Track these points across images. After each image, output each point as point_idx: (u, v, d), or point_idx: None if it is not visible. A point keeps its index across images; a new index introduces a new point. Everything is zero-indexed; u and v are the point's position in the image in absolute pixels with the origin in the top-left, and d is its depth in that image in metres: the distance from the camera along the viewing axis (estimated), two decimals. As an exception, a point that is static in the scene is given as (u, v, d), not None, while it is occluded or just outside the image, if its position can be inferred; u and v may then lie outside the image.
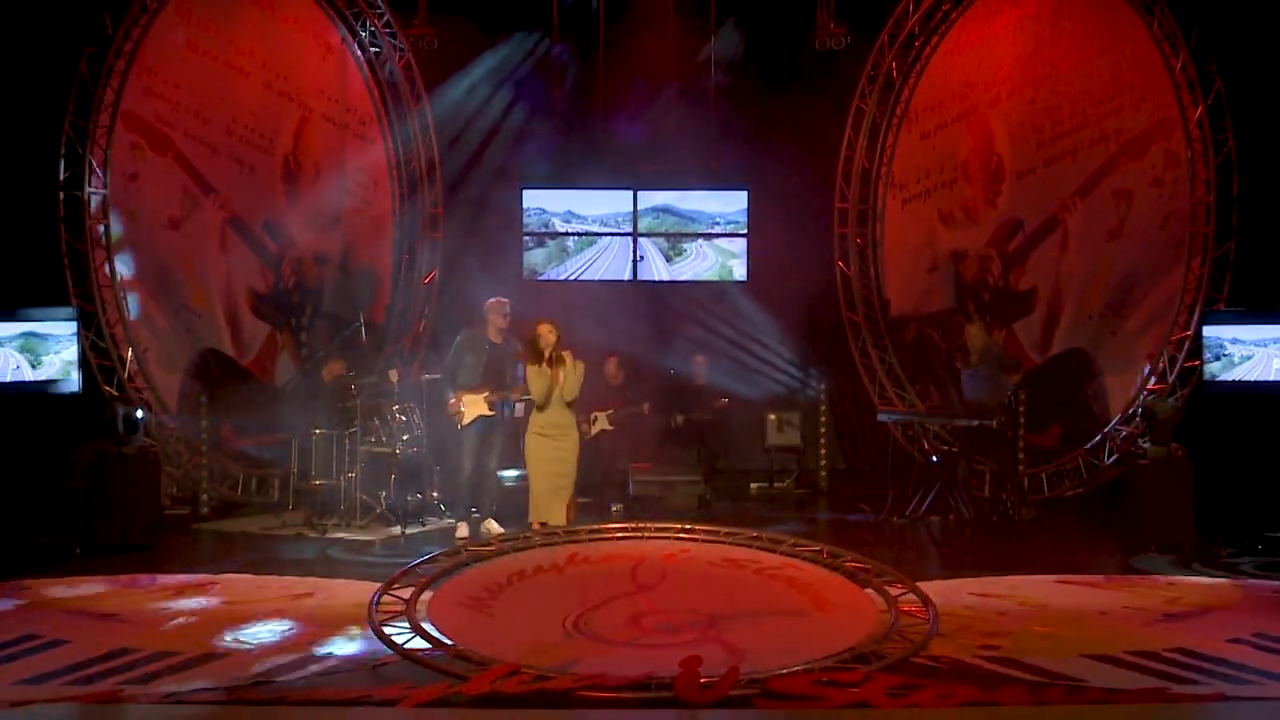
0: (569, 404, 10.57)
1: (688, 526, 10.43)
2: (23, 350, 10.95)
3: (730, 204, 14.28)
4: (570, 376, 10.46)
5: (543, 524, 10.55)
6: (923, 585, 8.76)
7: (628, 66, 14.73)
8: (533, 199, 14.22)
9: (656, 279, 14.18)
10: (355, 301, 14.59)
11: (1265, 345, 11.28)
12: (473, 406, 11.20)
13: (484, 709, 6.29)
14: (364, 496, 11.73)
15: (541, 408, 10.52)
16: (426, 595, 8.48)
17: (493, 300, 11.43)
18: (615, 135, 14.72)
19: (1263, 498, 11.13)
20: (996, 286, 14.22)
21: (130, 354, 11.91)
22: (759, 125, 14.68)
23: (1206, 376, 11.53)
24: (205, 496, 12.27)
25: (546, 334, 10.46)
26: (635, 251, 14.31)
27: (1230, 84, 12.00)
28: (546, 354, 10.44)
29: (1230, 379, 11.39)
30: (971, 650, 7.48)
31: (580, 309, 13.73)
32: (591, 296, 14.07)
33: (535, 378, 10.47)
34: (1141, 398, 12.19)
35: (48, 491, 11.00)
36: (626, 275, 14.26)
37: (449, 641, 7.42)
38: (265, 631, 7.98)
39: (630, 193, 14.32)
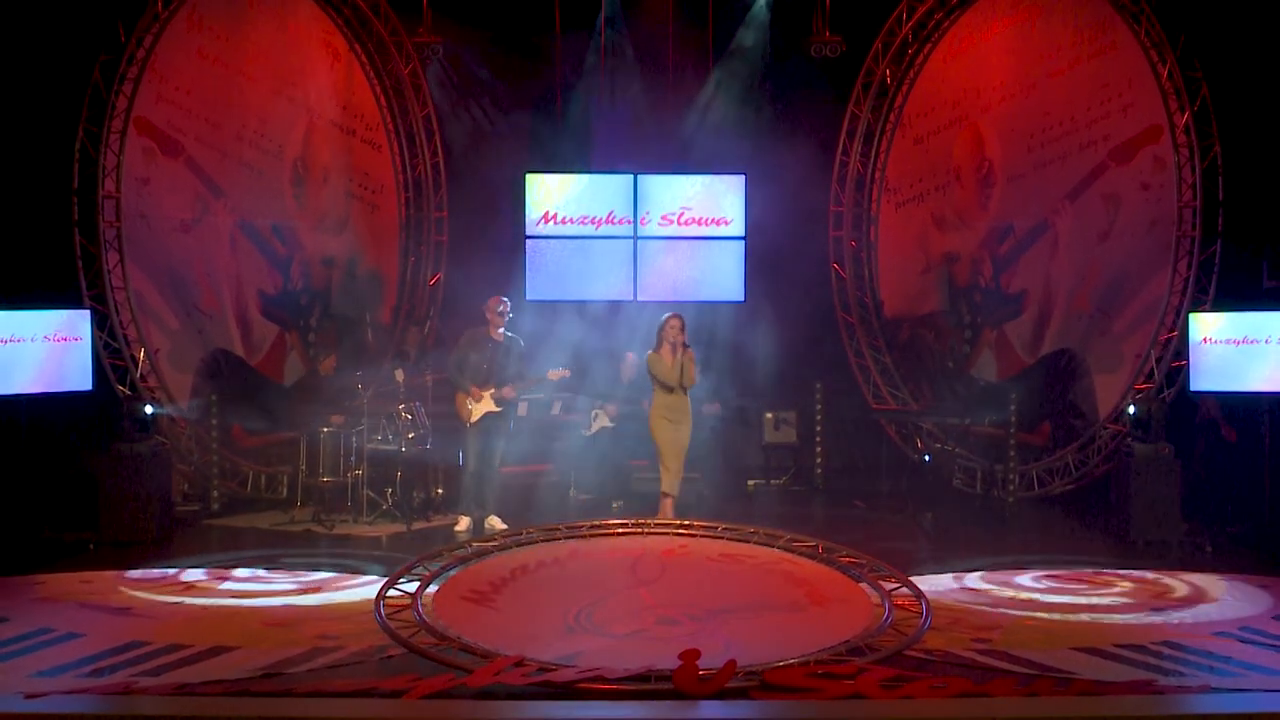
0: (686, 390, 11.11)
1: (687, 522, 10.63)
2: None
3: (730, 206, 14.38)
4: (689, 366, 11.05)
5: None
6: (916, 580, 8.97)
7: (629, 66, 14.91)
8: (535, 190, 14.34)
9: (658, 299, 14.28)
10: (362, 303, 14.78)
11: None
12: (480, 404, 11.44)
13: (488, 700, 6.40)
14: (370, 493, 11.90)
15: (671, 391, 11.05)
16: (431, 589, 8.67)
17: (492, 299, 11.68)
18: (616, 128, 14.88)
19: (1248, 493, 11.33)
20: (988, 288, 14.32)
21: (142, 354, 12.07)
22: (757, 127, 14.81)
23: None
24: (216, 493, 12.38)
25: (675, 326, 11.02)
26: (635, 250, 14.39)
27: (1216, 90, 12.13)
28: (671, 343, 10.99)
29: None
30: (963, 643, 7.67)
31: (582, 329, 13.94)
32: (593, 316, 14.24)
33: (657, 363, 11.00)
34: (1129, 396, 12.32)
35: (62, 488, 11.13)
36: (628, 295, 14.35)
37: (453, 635, 7.57)
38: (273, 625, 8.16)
39: (630, 178, 14.41)
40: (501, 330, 11.58)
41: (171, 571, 9.66)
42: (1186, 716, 5.99)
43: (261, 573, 9.72)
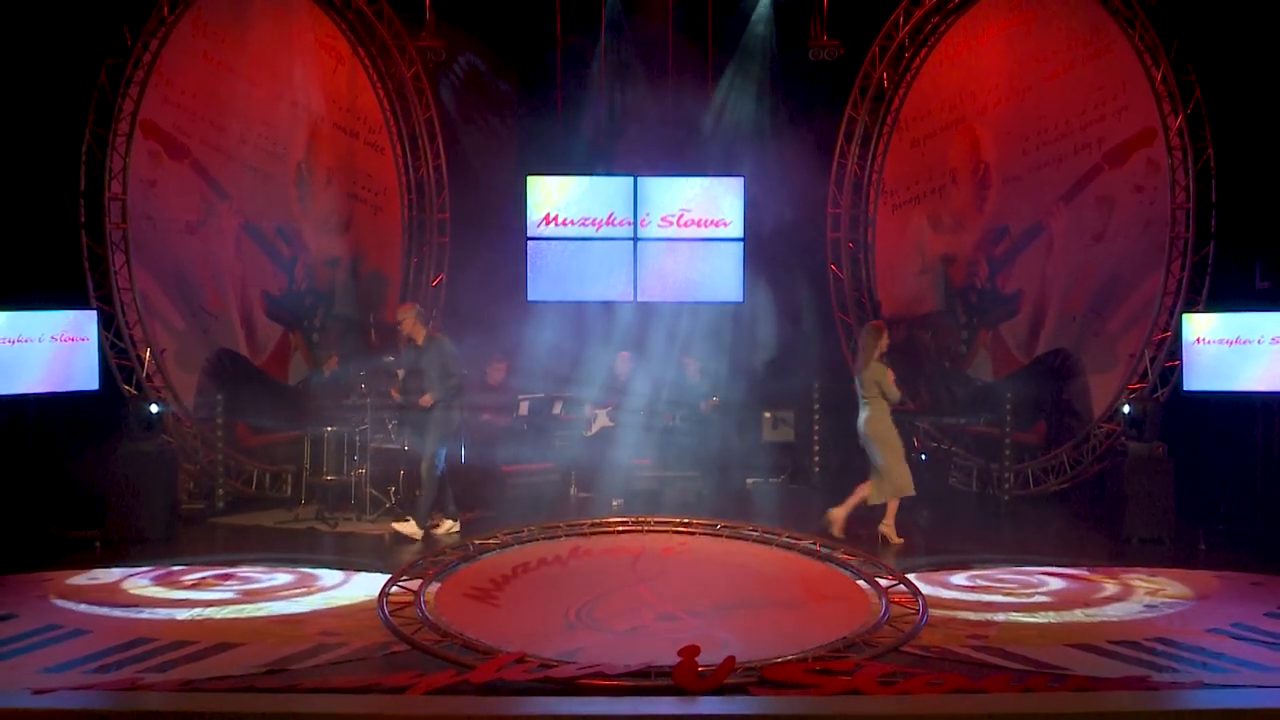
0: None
1: (687, 520, 10.76)
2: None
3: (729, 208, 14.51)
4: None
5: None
6: (912, 577, 9.11)
7: (629, 69, 15.02)
8: (536, 192, 14.48)
9: (658, 300, 14.41)
10: (365, 304, 14.85)
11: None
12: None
13: (490, 696, 6.44)
14: (374, 491, 11.98)
15: (898, 401, 11.13)
16: (434, 587, 8.81)
17: (402, 305, 11.69)
18: (616, 130, 14.98)
19: (1240, 492, 11.43)
20: (983, 289, 14.41)
21: (148, 354, 12.13)
22: (756, 130, 14.91)
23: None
24: (221, 491, 12.46)
25: (886, 336, 11.17)
26: (635, 251, 14.51)
27: (1209, 93, 12.19)
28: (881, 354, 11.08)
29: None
30: (959, 639, 7.75)
31: (583, 329, 14.09)
32: (594, 316, 14.35)
33: (887, 375, 10.99)
34: (1123, 396, 12.40)
35: (68, 486, 11.19)
36: (628, 296, 14.47)
37: (456, 631, 7.68)
38: (278, 622, 8.24)
39: (631, 180, 14.54)
40: (423, 334, 11.45)
41: (177, 569, 9.70)
42: (1180, 712, 5.99)
43: (266, 570, 9.78)
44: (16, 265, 11.15)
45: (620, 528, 10.81)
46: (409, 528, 11.02)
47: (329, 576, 9.60)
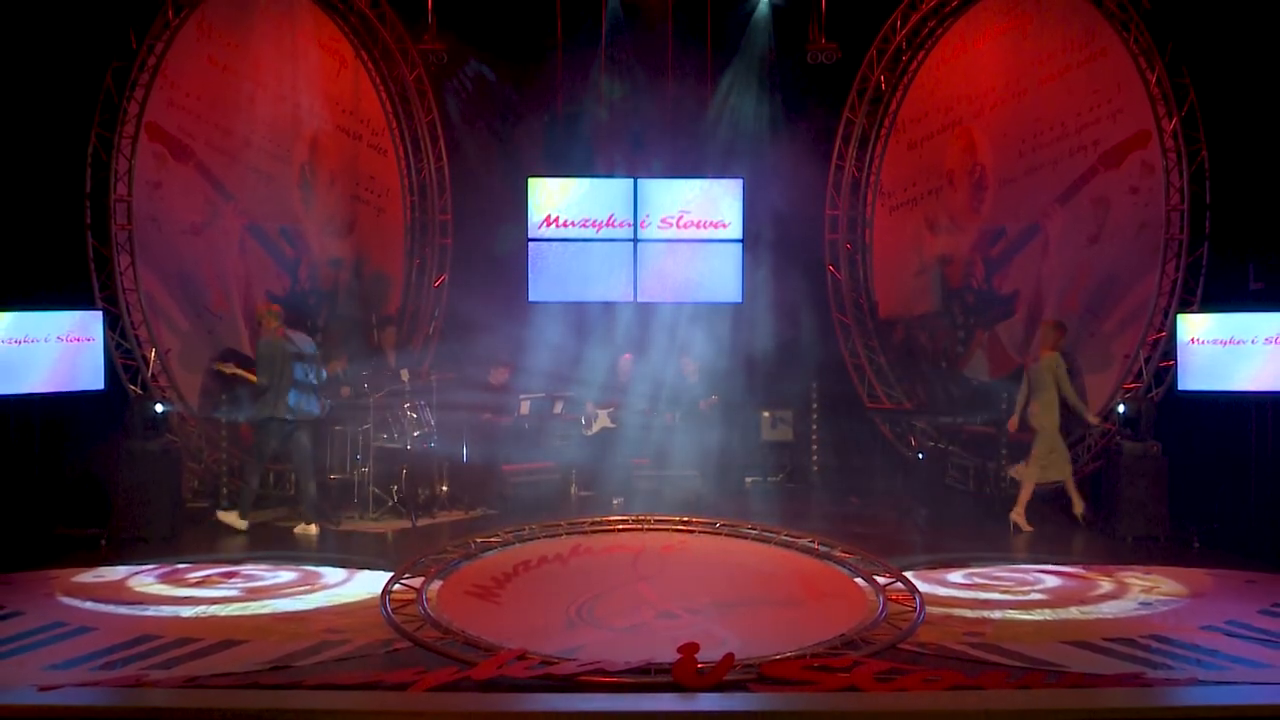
0: None
1: (686, 519, 10.83)
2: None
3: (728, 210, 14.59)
4: None
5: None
6: (910, 574, 9.17)
7: (629, 72, 15.10)
8: (537, 193, 14.58)
9: (658, 300, 14.49)
10: (368, 304, 14.91)
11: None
12: None
13: (491, 693, 6.48)
14: (377, 490, 12.04)
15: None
16: (436, 584, 8.88)
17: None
18: (616, 133, 15.07)
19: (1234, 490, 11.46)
20: (980, 290, 14.48)
21: (153, 354, 12.18)
22: (754, 133, 14.98)
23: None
24: (225, 490, 12.49)
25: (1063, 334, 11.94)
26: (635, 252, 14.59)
27: (1203, 96, 12.24)
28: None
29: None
30: (956, 636, 7.80)
31: (583, 329, 14.18)
32: (594, 317, 14.42)
33: (1060, 362, 11.67)
34: (1118, 396, 12.47)
35: (74, 485, 11.27)
36: (629, 296, 14.56)
37: (458, 629, 7.75)
38: (282, 619, 8.30)
39: (631, 182, 14.64)
40: (269, 330, 11.54)
41: (181, 567, 9.76)
42: (1174, 708, 6.03)
43: (269, 568, 9.83)
44: (23, 266, 11.18)
45: (620, 526, 10.89)
46: (310, 529, 11.25)
47: (332, 574, 9.64)
